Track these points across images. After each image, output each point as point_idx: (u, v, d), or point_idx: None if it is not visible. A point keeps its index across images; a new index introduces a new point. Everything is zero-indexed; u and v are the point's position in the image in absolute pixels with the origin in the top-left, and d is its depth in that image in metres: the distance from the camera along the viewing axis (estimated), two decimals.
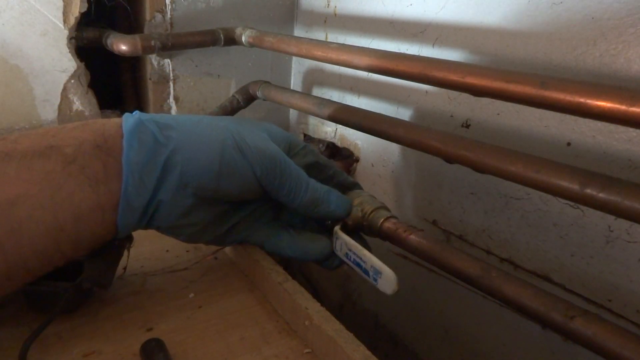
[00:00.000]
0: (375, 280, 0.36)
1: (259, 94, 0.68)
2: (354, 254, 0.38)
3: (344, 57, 0.48)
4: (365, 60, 0.45)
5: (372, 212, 0.42)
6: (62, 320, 0.37)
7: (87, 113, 0.67)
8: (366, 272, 0.37)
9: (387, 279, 0.35)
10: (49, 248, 0.31)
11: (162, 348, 0.34)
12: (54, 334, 0.36)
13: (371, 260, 0.36)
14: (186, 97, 0.74)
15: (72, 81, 0.65)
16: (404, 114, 0.60)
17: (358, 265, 0.38)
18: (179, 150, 0.35)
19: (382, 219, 0.42)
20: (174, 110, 0.73)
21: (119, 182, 0.33)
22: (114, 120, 0.35)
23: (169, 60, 0.70)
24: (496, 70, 0.35)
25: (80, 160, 0.32)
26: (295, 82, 0.82)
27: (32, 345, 0.32)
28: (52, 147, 0.31)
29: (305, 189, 0.39)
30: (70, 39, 0.63)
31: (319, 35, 0.74)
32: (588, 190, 0.31)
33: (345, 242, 0.40)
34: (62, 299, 0.35)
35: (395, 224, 0.41)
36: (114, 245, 0.38)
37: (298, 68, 0.81)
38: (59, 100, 0.65)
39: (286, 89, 0.68)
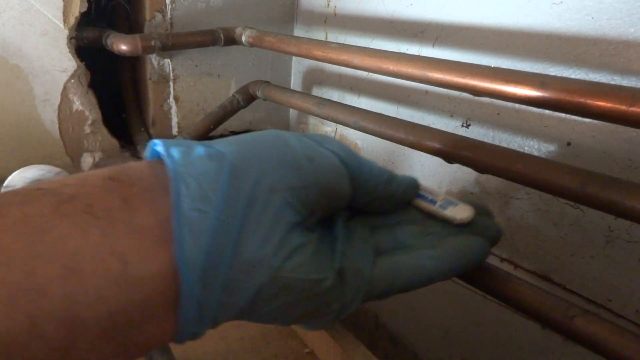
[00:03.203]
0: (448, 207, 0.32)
1: (259, 93, 0.68)
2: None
3: (344, 57, 0.48)
4: (365, 60, 0.45)
5: None
6: None
7: (87, 113, 0.67)
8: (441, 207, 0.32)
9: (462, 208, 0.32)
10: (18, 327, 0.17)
11: (167, 350, 0.34)
12: None
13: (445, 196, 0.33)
14: (186, 97, 0.74)
15: (72, 81, 0.65)
16: (404, 114, 0.60)
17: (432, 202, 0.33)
18: (239, 155, 0.23)
19: None
20: (174, 110, 0.74)
21: (155, 213, 0.21)
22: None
23: (169, 60, 0.70)
24: (496, 70, 0.35)
25: (82, 198, 0.20)
26: (295, 82, 0.82)
27: None
28: (43, 190, 0.20)
29: (377, 167, 0.30)
30: (70, 39, 0.63)
31: (319, 35, 0.74)
32: (588, 190, 0.31)
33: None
34: None
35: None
36: None
37: (298, 68, 0.81)
38: (59, 100, 0.65)
39: (286, 88, 0.68)
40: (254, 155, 0.24)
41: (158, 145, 0.23)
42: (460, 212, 0.31)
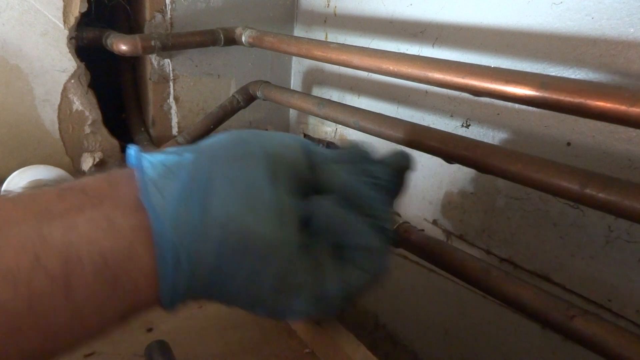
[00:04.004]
0: None
1: (259, 94, 0.68)
2: None
3: (344, 57, 0.48)
4: (365, 60, 0.45)
5: None
6: None
7: (87, 113, 0.67)
8: None
9: None
10: None
11: (167, 350, 0.33)
12: None
13: None
14: (186, 97, 0.74)
15: (72, 81, 0.65)
16: (404, 114, 0.60)
17: None
18: (199, 147, 0.28)
19: None
20: (174, 110, 0.74)
21: (133, 189, 0.26)
22: None
23: (169, 60, 0.70)
24: (496, 70, 0.35)
25: (78, 186, 0.26)
26: (295, 82, 0.82)
27: None
28: (46, 186, 0.26)
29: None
30: (70, 39, 0.63)
31: (319, 35, 0.74)
32: (588, 190, 0.31)
33: None
34: None
35: (395, 224, 0.41)
36: None
37: (298, 68, 0.81)
38: (59, 100, 0.65)
39: (286, 89, 0.68)
40: (210, 142, 0.28)
41: (131, 150, 0.28)
42: None
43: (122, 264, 0.24)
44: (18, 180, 0.55)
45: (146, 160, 0.27)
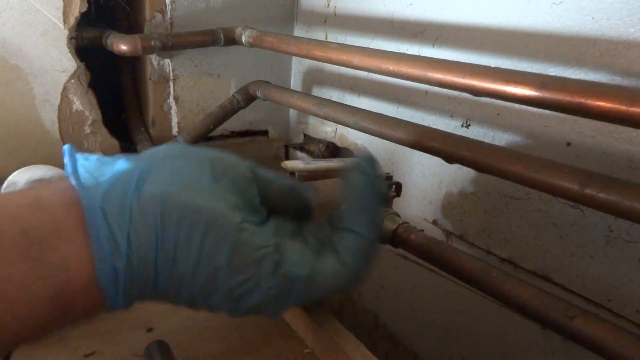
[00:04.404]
0: None
1: (259, 93, 0.68)
2: None
3: (344, 57, 0.48)
4: (365, 60, 0.45)
5: None
6: None
7: (87, 113, 0.67)
8: None
9: None
10: None
11: (167, 350, 0.33)
12: (55, 334, 0.36)
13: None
14: (186, 97, 0.74)
15: (72, 81, 0.65)
16: (404, 114, 0.60)
17: None
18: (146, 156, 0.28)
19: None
20: (174, 110, 0.74)
21: (64, 180, 0.26)
22: None
23: (169, 60, 0.70)
24: (496, 70, 0.35)
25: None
26: (295, 82, 0.82)
27: (33, 345, 0.32)
28: None
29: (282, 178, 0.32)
30: (70, 39, 0.63)
31: (319, 35, 0.74)
32: (588, 190, 0.31)
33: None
34: None
35: (394, 224, 0.41)
36: None
37: (298, 68, 0.81)
38: (59, 100, 0.65)
39: (286, 89, 0.68)
40: (143, 154, 0.28)
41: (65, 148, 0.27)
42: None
43: (48, 240, 0.23)
44: (18, 180, 0.55)
45: (80, 156, 0.27)
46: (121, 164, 0.26)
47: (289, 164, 0.31)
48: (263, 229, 0.27)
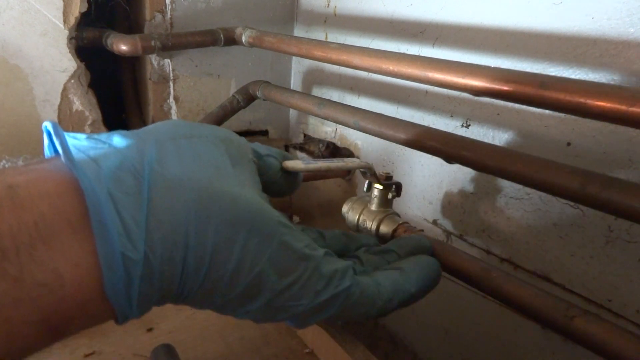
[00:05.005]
0: None
1: (259, 93, 0.68)
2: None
3: (344, 57, 0.48)
4: (365, 60, 0.45)
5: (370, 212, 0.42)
6: None
7: (87, 113, 0.67)
8: None
9: None
10: None
11: (174, 355, 0.33)
12: None
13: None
14: (186, 97, 0.74)
15: (72, 81, 0.65)
16: (404, 114, 0.60)
17: None
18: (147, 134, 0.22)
19: (381, 219, 0.42)
20: (174, 110, 0.73)
21: (55, 159, 0.20)
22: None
23: (169, 60, 0.70)
24: (496, 70, 0.35)
25: None
26: (295, 82, 0.82)
27: None
28: None
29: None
30: (70, 39, 0.63)
31: (319, 35, 0.74)
32: (588, 190, 0.31)
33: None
34: None
35: (395, 224, 0.41)
36: None
37: (298, 68, 0.81)
38: (59, 100, 0.65)
39: (286, 89, 0.68)
40: (144, 128, 0.23)
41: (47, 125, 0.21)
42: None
43: (30, 249, 0.17)
44: None
45: (67, 134, 0.20)
46: (119, 141, 0.21)
47: (289, 163, 0.32)
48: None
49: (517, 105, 0.46)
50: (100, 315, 0.19)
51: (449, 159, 0.41)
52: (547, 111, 0.39)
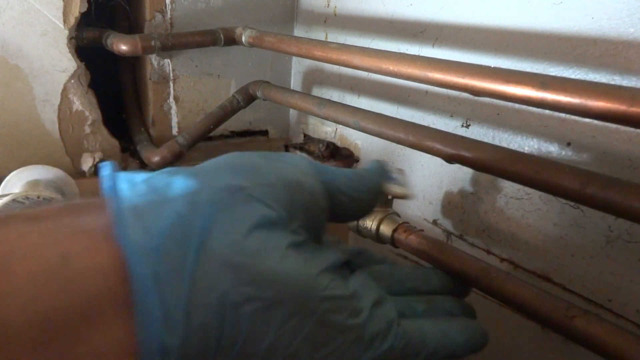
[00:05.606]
0: None
1: (259, 94, 0.68)
2: None
3: (344, 57, 0.48)
4: (365, 60, 0.45)
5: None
6: None
7: (87, 113, 0.67)
8: None
9: None
10: None
11: None
12: None
13: None
14: (186, 97, 0.74)
15: (72, 81, 0.65)
16: (404, 114, 0.60)
17: None
18: (192, 170, 0.22)
19: (380, 219, 0.42)
20: (174, 110, 0.73)
21: (101, 215, 0.19)
22: None
23: (169, 60, 0.70)
24: (496, 70, 0.35)
25: (29, 211, 0.19)
26: (295, 82, 0.82)
27: None
28: None
29: (342, 169, 0.27)
30: (70, 39, 0.63)
31: (319, 35, 0.74)
32: (588, 190, 0.31)
33: None
34: None
35: (394, 224, 0.41)
36: None
37: (298, 68, 0.81)
38: (59, 100, 0.65)
39: (286, 89, 0.68)
40: (213, 164, 0.22)
41: (105, 168, 0.21)
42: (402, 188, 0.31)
43: (77, 330, 0.16)
44: (16, 181, 0.55)
45: (123, 180, 0.20)
46: (178, 187, 0.20)
47: (398, 190, 0.31)
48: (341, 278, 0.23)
49: (517, 105, 0.46)
50: None
51: (449, 159, 0.41)
52: (547, 111, 0.39)
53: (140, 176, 0.20)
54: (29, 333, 0.15)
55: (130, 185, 0.20)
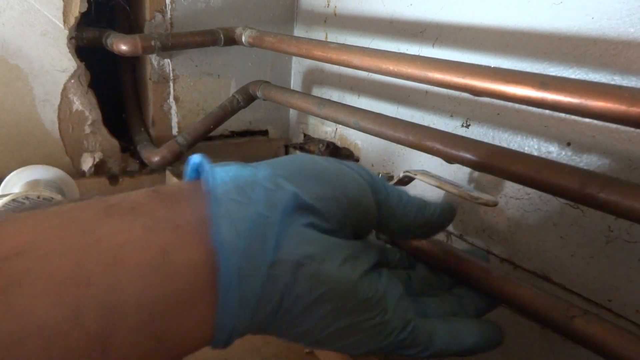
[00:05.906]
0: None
1: (259, 93, 0.68)
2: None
3: (344, 57, 0.48)
4: (365, 60, 0.45)
5: None
6: None
7: (87, 113, 0.67)
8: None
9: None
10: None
11: None
12: None
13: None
14: (186, 97, 0.74)
15: (72, 81, 0.65)
16: (404, 114, 0.60)
17: None
18: (273, 165, 0.25)
19: None
20: (174, 110, 0.73)
21: (194, 211, 0.22)
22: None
23: (169, 60, 0.70)
24: (496, 70, 0.35)
25: (126, 203, 0.21)
26: (295, 82, 0.82)
27: None
28: (92, 200, 0.22)
29: (407, 194, 0.30)
30: (70, 39, 0.63)
31: (319, 35, 0.74)
32: (588, 190, 0.31)
33: None
34: None
35: None
36: None
37: (298, 68, 0.81)
38: (59, 100, 0.65)
39: (286, 89, 0.68)
40: (288, 169, 0.25)
41: (195, 158, 0.25)
42: (486, 195, 0.33)
43: (173, 315, 0.20)
44: (16, 181, 0.55)
45: (219, 177, 0.23)
46: (259, 195, 0.22)
47: (490, 200, 0.32)
48: (373, 277, 0.26)
49: (517, 105, 0.46)
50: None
51: (449, 159, 0.41)
52: (547, 111, 0.39)
53: (227, 172, 0.23)
54: (138, 315, 0.19)
55: (223, 184, 0.22)
